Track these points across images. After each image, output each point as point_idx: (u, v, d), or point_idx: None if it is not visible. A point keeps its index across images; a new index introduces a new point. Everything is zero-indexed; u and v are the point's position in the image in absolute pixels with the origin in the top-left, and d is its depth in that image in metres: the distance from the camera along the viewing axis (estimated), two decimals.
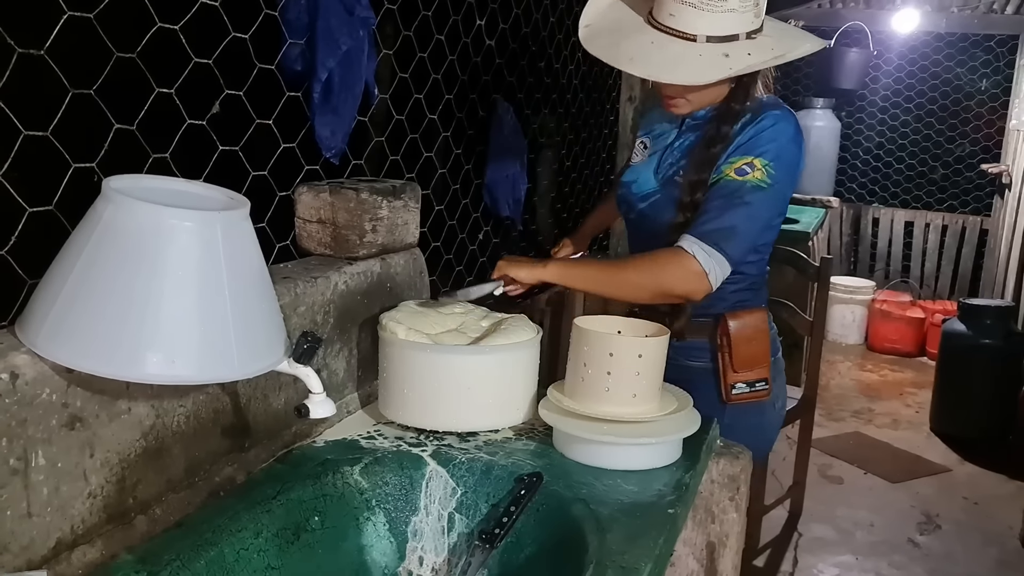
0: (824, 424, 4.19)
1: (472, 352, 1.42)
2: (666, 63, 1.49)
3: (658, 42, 1.50)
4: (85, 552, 1.01)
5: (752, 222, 1.54)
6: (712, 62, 1.47)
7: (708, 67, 1.47)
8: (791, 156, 1.57)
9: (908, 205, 6.34)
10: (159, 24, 1.25)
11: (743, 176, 1.52)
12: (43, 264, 1.01)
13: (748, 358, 1.69)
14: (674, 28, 1.49)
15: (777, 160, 1.54)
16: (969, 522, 3.35)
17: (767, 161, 1.53)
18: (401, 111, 1.95)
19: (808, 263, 3.10)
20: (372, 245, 1.57)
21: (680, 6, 1.47)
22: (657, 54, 1.49)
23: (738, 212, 1.51)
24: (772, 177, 1.53)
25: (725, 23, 1.47)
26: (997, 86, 5.95)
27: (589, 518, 1.18)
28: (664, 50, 1.49)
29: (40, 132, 1.11)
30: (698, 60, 1.48)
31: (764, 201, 1.53)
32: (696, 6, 1.46)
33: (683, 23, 1.48)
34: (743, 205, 1.51)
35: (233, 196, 1.11)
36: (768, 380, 1.71)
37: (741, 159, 1.54)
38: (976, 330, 4.00)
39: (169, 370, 0.97)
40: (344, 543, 1.25)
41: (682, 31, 1.48)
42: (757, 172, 1.52)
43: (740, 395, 1.70)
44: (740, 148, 1.56)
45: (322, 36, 1.57)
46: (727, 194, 1.52)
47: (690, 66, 1.48)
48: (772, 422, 1.85)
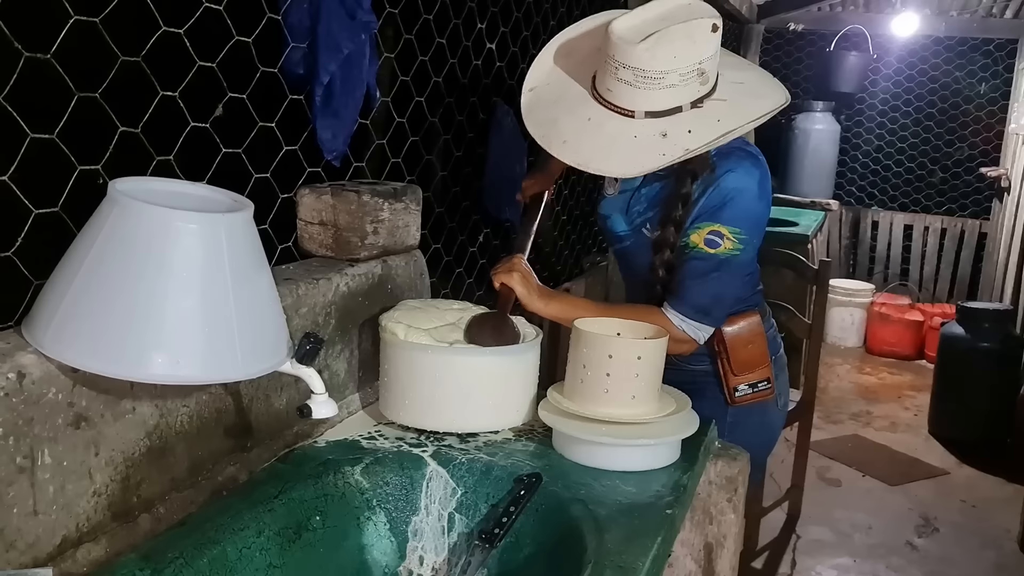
0: (822, 427, 4.20)
1: (473, 353, 1.43)
2: (599, 148, 1.40)
3: (596, 119, 1.41)
4: (90, 550, 1.02)
5: (730, 288, 1.59)
6: (646, 145, 1.38)
7: (641, 152, 1.38)
8: (758, 213, 1.57)
9: (907, 208, 6.36)
10: (163, 28, 1.27)
11: (714, 248, 1.53)
12: (49, 265, 1.02)
13: (747, 361, 1.71)
14: (612, 103, 1.40)
15: (744, 223, 1.54)
16: (967, 525, 3.36)
17: (735, 228, 1.53)
18: (402, 114, 1.96)
19: (807, 266, 3.11)
20: (373, 247, 1.59)
21: (616, 82, 1.37)
22: (592, 137, 1.41)
23: (716, 283, 1.55)
24: (743, 242, 1.55)
25: (665, 98, 1.37)
26: (996, 90, 5.97)
27: (588, 518, 1.19)
28: (601, 129, 1.40)
29: (46, 135, 1.12)
30: (632, 143, 1.38)
31: (738, 264, 1.57)
32: (632, 84, 1.36)
33: (621, 99, 1.39)
34: (718, 279, 1.55)
35: (237, 198, 1.12)
36: (771, 379, 1.74)
37: (708, 226, 1.54)
38: (975, 333, 4.01)
39: (174, 370, 0.98)
40: (345, 542, 1.26)
41: (620, 107, 1.39)
42: (728, 242, 1.53)
43: (744, 397, 1.73)
44: (706, 214, 1.55)
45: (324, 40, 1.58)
46: (702, 269, 1.55)
47: (622, 151, 1.39)
48: (775, 419, 1.88)
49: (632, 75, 1.35)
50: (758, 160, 1.58)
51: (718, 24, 1.36)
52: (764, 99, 1.46)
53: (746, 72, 1.52)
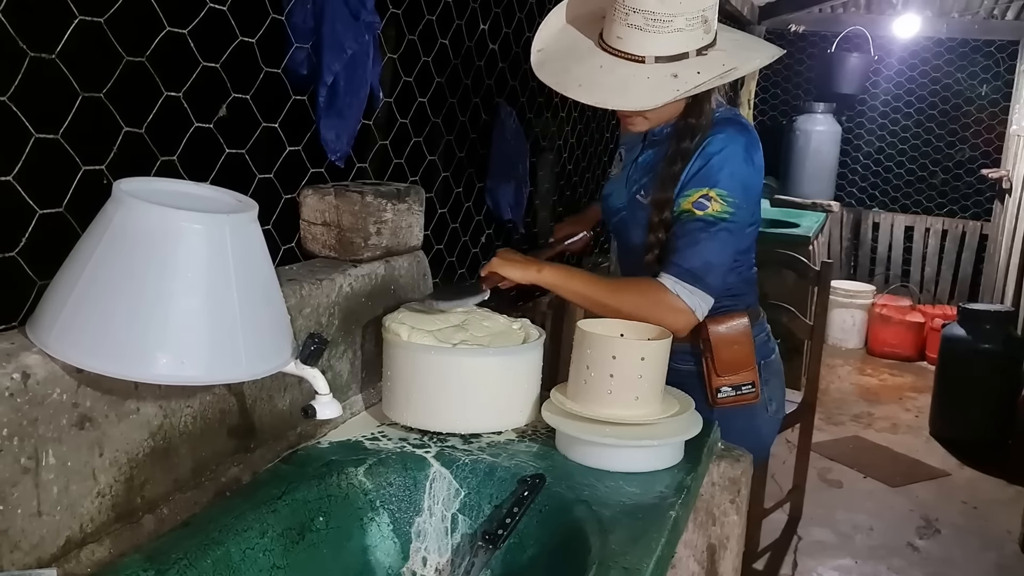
0: (824, 428, 4.20)
1: (476, 354, 1.43)
2: (614, 87, 1.48)
3: (607, 66, 1.49)
4: (94, 551, 1.02)
5: (723, 254, 1.59)
6: (660, 84, 1.46)
7: (656, 89, 1.46)
8: (745, 176, 1.58)
9: (908, 210, 6.36)
10: (168, 28, 1.26)
11: (703, 210, 1.55)
12: (53, 265, 1.02)
13: (731, 362, 1.71)
14: (622, 51, 1.48)
15: (731, 186, 1.56)
16: (968, 526, 3.36)
17: (722, 191, 1.55)
18: (405, 115, 1.96)
19: (808, 267, 3.11)
20: (376, 248, 1.59)
21: (627, 28, 1.46)
22: (605, 78, 1.48)
23: (707, 247, 1.55)
24: (732, 204, 1.56)
25: (673, 43, 1.46)
26: (997, 91, 5.97)
27: (591, 519, 1.19)
28: (612, 74, 1.48)
29: (51, 135, 1.11)
30: (646, 83, 1.46)
31: (729, 230, 1.57)
32: (642, 28, 1.44)
33: (631, 45, 1.47)
34: (709, 241, 1.55)
35: (241, 199, 1.12)
36: (756, 383, 1.72)
37: (696, 191, 1.56)
38: (976, 335, 4.02)
39: (178, 371, 0.98)
40: (348, 543, 1.26)
41: (630, 53, 1.47)
42: (715, 204, 1.55)
43: (726, 399, 1.72)
44: (694, 179, 1.57)
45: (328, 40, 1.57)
46: (692, 231, 1.56)
47: (638, 89, 1.47)
48: (765, 426, 1.85)
49: (643, 19, 1.43)
50: (744, 128, 1.61)
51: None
52: (759, 51, 1.58)
53: (739, 33, 1.64)
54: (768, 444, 1.95)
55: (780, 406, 1.88)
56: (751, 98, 5.24)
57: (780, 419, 1.91)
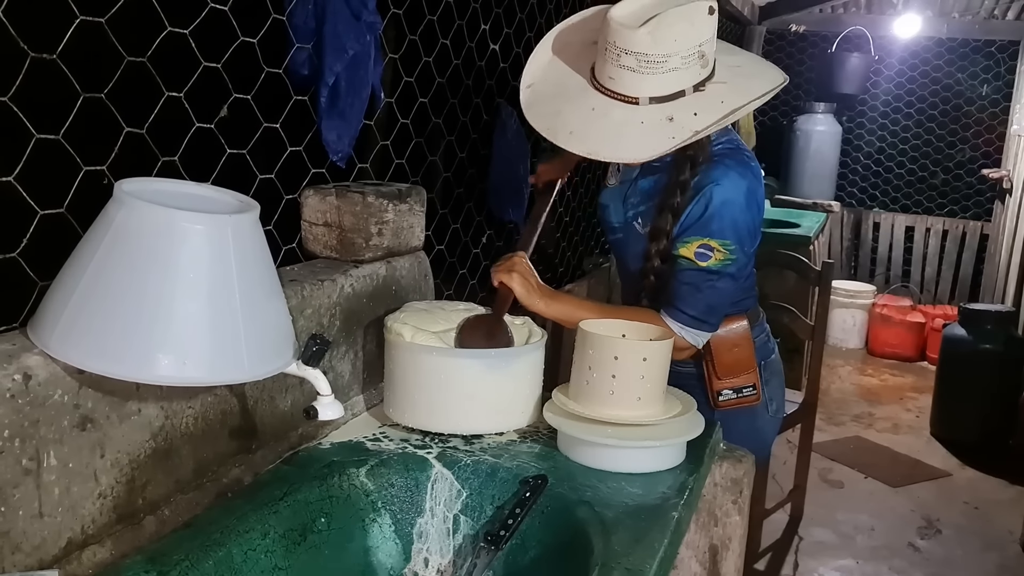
0: (825, 428, 4.20)
1: (477, 355, 1.43)
2: (607, 136, 1.40)
3: (600, 108, 1.42)
4: (95, 552, 1.02)
5: (724, 297, 1.60)
6: (654, 130, 1.39)
7: (650, 137, 1.38)
8: (746, 224, 1.56)
9: (909, 210, 6.36)
10: (169, 28, 1.26)
11: (705, 261, 1.54)
12: (54, 266, 1.01)
13: (731, 365, 1.70)
14: (615, 91, 1.40)
15: (733, 235, 1.55)
16: (969, 527, 3.36)
17: (725, 241, 1.54)
18: (406, 115, 1.95)
19: (809, 267, 3.11)
20: (378, 248, 1.58)
21: (619, 70, 1.38)
22: (598, 124, 1.41)
23: (709, 295, 1.57)
24: (734, 253, 1.55)
25: (668, 83, 1.38)
26: (998, 91, 5.97)
27: (593, 520, 1.19)
28: (605, 117, 1.41)
29: (52, 135, 1.11)
30: (639, 128, 1.39)
31: (732, 276, 1.58)
32: (635, 70, 1.37)
33: (624, 86, 1.39)
34: (712, 289, 1.57)
35: (242, 199, 1.12)
36: (757, 385, 1.72)
37: (697, 240, 1.54)
38: (976, 335, 4.01)
39: (180, 372, 0.98)
40: (350, 544, 1.26)
41: (623, 94, 1.40)
42: (717, 255, 1.54)
43: (728, 401, 1.71)
44: (695, 226, 1.55)
45: (329, 41, 1.57)
46: (695, 280, 1.56)
47: (631, 138, 1.39)
48: (766, 426, 1.85)
49: (635, 60, 1.36)
50: (746, 168, 1.56)
51: (714, 7, 1.37)
52: (762, 79, 1.48)
53: (740, 56, 1.55)
54: (769, 444, 1.95)
55: (780, 406, 1.88)
56: None
57: (781, 419, 1.91)
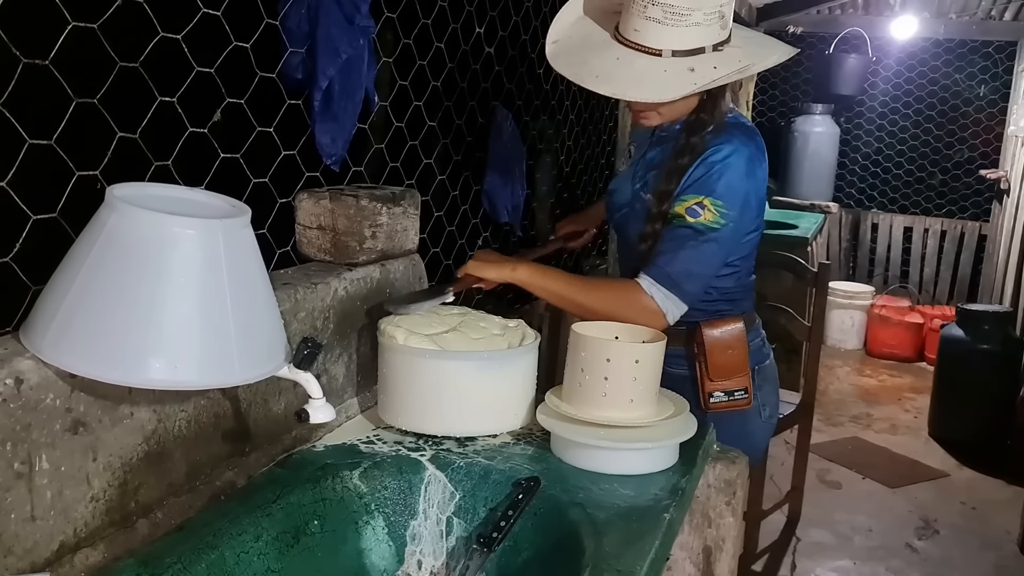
0: (822, 429, 4.20)
1: (471, 358, 1.43)
2: (631, 80, 1.48)
3: (624, 58, 1.49)
4: (88, 555, 1.02)
5: (706, 264, 1.58)
6: (677, 77, 1.47)
7: (673, 82, 1.47)
8: (745, 189, 1.57)
9: (907, 210, 6.37)
10: (162, 34, 1.27)
11: (695, 218, 1.55)
12: (47, 271, 1.02)
13: (724, 367, 1.70)
14: (639, 43, 1.48)
15: (728, 197, 1.55)
16: (967, 527, 3.36)
17: (718, 201, 1.54)
18: (401, 118, 1.96)
19: (806, 268, 3.12)
20: (372, 251, 1.59)
21: (644, 21, 1.46)
22: (623, 70, 1.49)
23: (691, 255, 1.55)
24: (725, 216, 1.55)
25: (690, 37, 1.46)
26: (995, 92, 5.98)
27: (586, 522, 1.20)
28: (630, 66, 1.49)
29: (44, 140, 1.12)
30: (663, 76, 1.47)
31: (717, 242, 1.56)
32: (660, 21, 1.45)
33: (648, 38, 1.47)
34: (695, 248, 1.55)
35: (234, 204, 1.12)
36: (749, 389, 1.71)
37: (692, 198, 1.55)
38: (975, 335, 4.02)
39: (172, 375, 0.98)
40: (343, 547, 1.26)
41: (647, 46, 1.48)
42: (708, 213, 1.54)
43: (718, 403, 1.70)
44: (693, 185, 1.56)
45: (322, 45, 1.58)
46: (680, 237, 1.56)
47: (654, 82, 1.47)
48: (758, 431, 1.84)
49: (661, 12, 1.44)
50: (750, 138, 1.59)
51: None
52: (774, 50, 1.57)
53: (750, 31, 1.65)
54: (762, 449, 1.94)
55: (774, 411, 1.87)
56: (749, 99, 5.24)
57: (774, 424, 1.90)
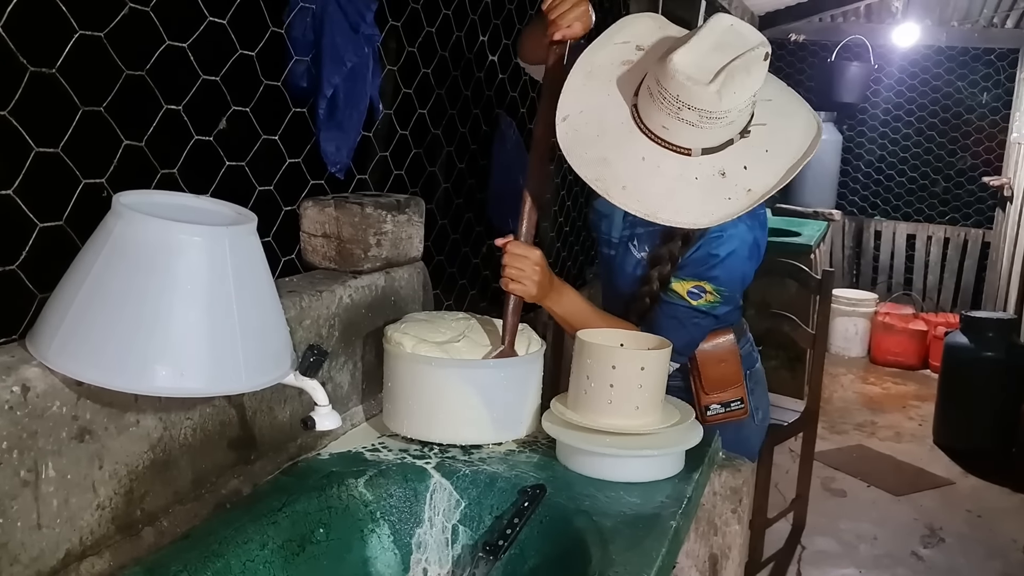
0: (827, 437, 4.19)
1: (476, 365, 1.43)
2: (662, 194, 1.33)
3: (650, 159, 1.34)
4: (94, 563, 1.02)
5: (704, 332, 1.66)
6: (709, 187, 1.33)
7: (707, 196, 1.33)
8: (743, 272, 1.60)
9: (910, 218, 6.36)
10: (168, 42, 1.27)
11: (695, 300, 1.59)
12: (53, 278, 1.02)
13: (718, 380, 1.72)
14: (668, 142, 1.34)
15: (729, 283, 1.58)
16: (973, 535, 3.35)
17: (719, 287, 1.58)
18: (405, 126, 1.96)
19: (810, 276, 3.11)
20: (376, 259, 1.59)
21: (676, 122, 1.30)
22: (651, 180, 1.34)
23: (692, 331, 1.63)
24: (724, 296, 1.59)
25: (722, 134, 1.33)
26: (998, 99, 5.98)
27: (592, 530, 1.19)
28: (657, 170, 1.34)
29: (51, 149, 1.12)
30: (695, 186, 1.33)
31: (716, 316, 1.62)
32: (695, 124, 1.30)
33: (679, 138, 1.33)
34: (695, 326, 1.62)
35: (240, 211, 1.13)
36: (744, 399, 1.73)
37: (692, 281, 1.58)
38: (979, 343, 4.01)
39: (178, 383, 0.98)
40: (349, 555, 1.26)
41: (677, 146, 1.34)
42: (708, 296, 1.58)
43: (716, 416, 1.72)
44: (691, 267, 1.58)
45: (327, 53, 1.58)
46: (681, 316, 1.60)
47: (687, 197, 1.33)
48: (753, 435, 1.86)
49: (697, 116, 1.29)
50: (755, 219, 1.58)
51: (768, 52, 1.30)
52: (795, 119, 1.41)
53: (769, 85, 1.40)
54: (756, 451, 1.94)
55: (766, 413, 1.90)
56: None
57: (766, 426, 1.92)
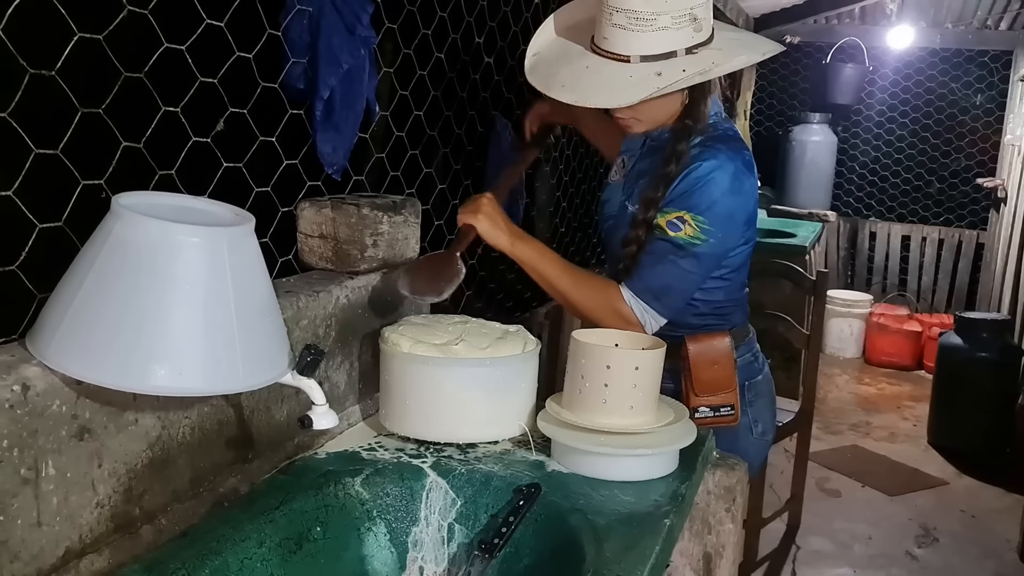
0: (822, 437, 4.20)
1: (472, 364, 1.44)
2: (595, 87, 1.47)
3: (593, 66, 1.49)
4: (93, 561, 1.03)
5: (684, 280, 1.57)
6: (642, 81, 1.44)
7: (637, 86, 1.44)
8: (729, 205, 1.54)
9: (904, 219, 6.39)
10: (166, 44, 1.28)
11: (675, 232, 1.53)
12: (53, 278, 1.03)
13: (709, 382, 1.66)
14: (608, 51, 1.47)
15: (710, 214, 1.53)
16: (967, 535, 3.37)
17: (699, 217, 1.52)
18: (401, 128, 1.97)
19: (804, 277, 3.13)
20: (373, 259, 1.60)
21: (612, 28, 1.45)
22: (589, 78, 1.48)
23: (670, 270, 1.55)
24: (706, 232, 1.53)
25: (658, 42, 1.44)
26: (991, 101, 6.01)
27: (586, 528, 1.20)
28: (597, 74, 1.47)
29: (50, 150, 1.13)
30: (628, 81, 1.45)
31: (697, 257, 1.55)
32: (625, 27, 1.43)
33: (616, 45, 1.46)
34: (674, 264, 1.54)
35: (238, 212, 1.13)
36: (736, 406, 1.67)
37: (674, 211, 1.54)
38: (973, 343, 4.03)
39: (176, 382, 0.99)
40: (345, 553, 1.27)
41: (615, 53, 1.46)
42: (688, 228, 1.52)
43: (703, 419, 1.66)
44: (675, 200, 1.55)
45: (324, 55, 1.59)
46: (659, 251, 1.55)
47: (617, 88, 1.45)
48: (751, 448, 1.79)
49: (625, 18, 1.42)
50: (737, 154, 1.56)
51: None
52: (754, 48, 1.54)
53: (741, 32, 1.62)
54: (756, 466, 1.89)
55: (768, 428, 1.83)
56: (747, 109, 5.26)
57: (769, 440, 1.86)
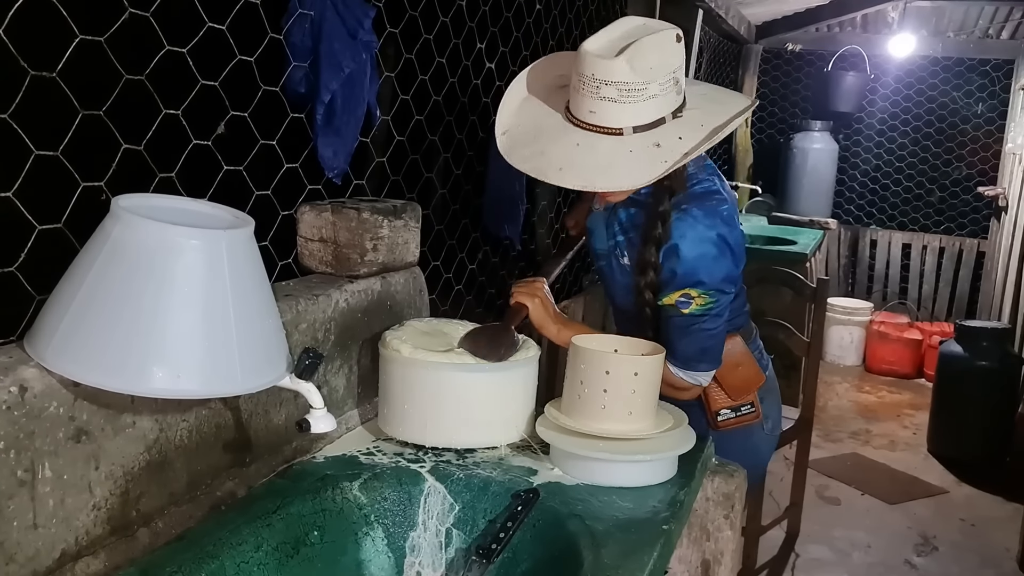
0: (821, 445, 4.19)
1: (471, 370, 1.44)
2: (598, 167, 1.39)
3: (584, 143, 1.40)
4: (89, 564, 1.03)
5: (714, 338, 1.61)
6: (645, 155, 1.38)
7: (642, 164, 1.38)
8: (724, 268, 1.56)
9: (905, 227, 6.38)
10: (167, 47, 1.28)
11: (687, 308, 1.56)
12: (51, 280, 1.03)
13: (740, 386, 1.71)
14: (598, 124, 1.39)
15: (711, 281, 1.55)
16: (966, 544, 3.35)
17: (701, 290, 1.55)
18: (402, 132, 1.98)
19: (805, 284, 3.12)
20: (373, 264, 1.60)
21: (599, 102, 1.37)
22: (586, 158, 1.40)
23: (697, 337, 1.59)
24: (714, 296, 1.56)
25: (649, 111, 1.38)
26: (993, 110, 6.00)
27: (584, 534, 1.20)
28: (593, 151, 1.40)
29: (50, 152, 1.13)
30: (629, 157, 1.38)
31: (716, 315, 1.58)
32: (616, 100, 1.36)
33: (606, 118, 1.38)
34: (698, 331, 1.58)
35: (238, 215, 1.14)
36: (755, 402, 1.72)
37: (677, 292, 1.55)
38: (973, 352, 4.02)
39: (174, 384, 0.99)
40: (343, 558, 1.26)
41: (607, 127, 1.39)
42: (697, 301, 1.55)
43: (727, 421, 1.71)
44: (669, 282, 1.55)
45: (325, 59, 1.60)
46: (679, 326, 1.58)
47: (623, 166, 1.38)
48: (762, 444, 1.85)
49: (616, 91, 1.36)
50: (713, 217, 1.54)
51: (680, 35, 1.39)
52: (730, 102, 1.51)
53: (702, 86, 1.59)
54: (765, 462, 1.94)
55: (776, 424, 1.88)
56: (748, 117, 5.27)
57: (777, 436, 1.91)
